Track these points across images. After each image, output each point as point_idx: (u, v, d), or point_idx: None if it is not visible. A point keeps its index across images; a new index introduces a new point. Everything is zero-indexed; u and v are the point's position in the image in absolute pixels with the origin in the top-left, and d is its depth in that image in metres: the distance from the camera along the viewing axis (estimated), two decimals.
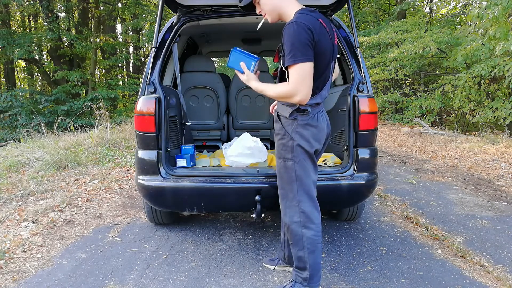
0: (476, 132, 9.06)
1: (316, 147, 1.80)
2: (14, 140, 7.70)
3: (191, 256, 2.41)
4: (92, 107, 8.30)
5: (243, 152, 2.48)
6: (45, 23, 12.62)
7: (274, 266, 2.23)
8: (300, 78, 1.61)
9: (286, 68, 1.67)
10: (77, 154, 5.36)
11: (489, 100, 8.38)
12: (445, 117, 12.81)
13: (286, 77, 1.75)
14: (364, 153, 2.40)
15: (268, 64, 3.63)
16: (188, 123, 2.96)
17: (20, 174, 4.39)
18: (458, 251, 2.49)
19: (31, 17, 15.49)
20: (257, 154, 2.50)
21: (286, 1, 1.74)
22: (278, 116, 1.84)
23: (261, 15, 1.85)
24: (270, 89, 1.75)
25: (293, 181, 1.80)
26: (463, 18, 11.79)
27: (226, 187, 2.30)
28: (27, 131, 7.18)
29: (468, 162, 5.57)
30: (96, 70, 15.26)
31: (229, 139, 3.55)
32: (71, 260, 2.37)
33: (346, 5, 2.56)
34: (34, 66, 14.16)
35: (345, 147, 2.45)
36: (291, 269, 2.15)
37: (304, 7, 1.76)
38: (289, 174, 1.80)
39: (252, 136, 2.77)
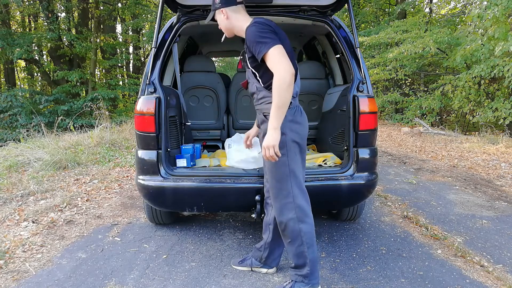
0: (476, 132, 9.05)
1: (305, 137, 1.90)
2: (14, 140, 7.70)
3: (191, 256, 2.41)
4: (92, 107, 8.29)
5: (246, 160, 2.46)
6: (45, 23, 12.62)
7: (250, 268, 2.21)
8: (277, 57, 1.68)
9: (261, 61, 1.73)
10: (77, 154, 5.36)
11: (489, 100, 8.37)
12: (445, 117, 12.81)
13: (258, 77, 1.84)
14: (364, 153, 2.40)
15: None
16: (188, 123, 2.96)
17: (20, 174, 4.39)
18: (458, 251, 2.49)
19: (31, 17, 15.49)
20: (260, 162, 2.48)
21: (237, 21, 1.89)
22: (265, 115, 1.86)
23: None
24: (274, 100, 1.68)
25: (287, 177, 1.82)
26: (463, 18, 11.78)
27: (226, 187, 2.30)
28: (27, 131, 7.18)
29: (468, 162, 5.58)
30: (96, 70, 15.26)
31: None
32: (71, 260, 2.37)
33: (346, 5, 2.56)
34: (34, 66, 14.16)
35: (345, 147, 2.45)
36: (264, 270, 2.17)
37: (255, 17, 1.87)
38: (282, 170, 1.82)
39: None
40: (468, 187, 4.19)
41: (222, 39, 2.10)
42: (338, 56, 3.22)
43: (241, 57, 1.98)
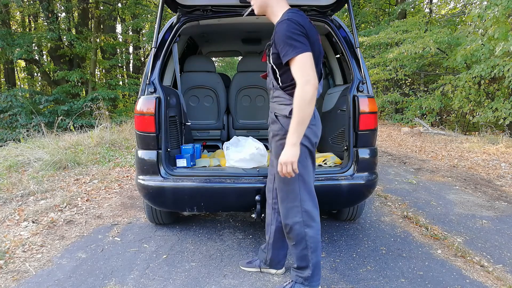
0: (476, 132, 9.05)
1: (316, 141, 1.85)
2: (14, 140, 7.70)
3: (191, 256, 2.41)
4: (92, 107, 8.30)
5: (244, 158, 2.47)
6: (45, 23, 12.62)
7: (259, 269, 2.20)
8: (303, 67, 1.62)
9: (286, 63, 1.67)
10: (77, 154, 5.36)
11: (489, 100, 8.37)
12: (445, 117, 12.81)
13: (277, 75, 1.78)
14: (364, 153, 2.40)
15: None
16: (188, 123, 2.96)
17: (20, 174, 4.39)
18: (458, 251, 2.49)
19: (31, 17, 15.48)
20: (259, 159, 2.49)
21: (273, 2, 1.79)
22: (276, 116, 1.83)
23: (249, 4, 1.89)
24: (295, 115, 1.63)
25: (295, 181, 1.79)
26: (463, 18, 11.78)
27: (226, 187, 2.30)
28: (27, 131, 7.18)
29: (468, 162, 5.57)
30: (96, 70, 15.26)
31: (229, 139, 3.56)
32: (71, 260, 2.37)
33: (346, 5, 2.56)
34: (34, 66, 14.16)
35: (345, 147, 2.45)
36: (273, 271, 2.16)
37: (291, 7, 1.80)
38: None
39: (251, 136, 2.77)
40: (468, 187, 4.19)
41: (245, 14, 2.00)
42: (338, 56, 3.22)
43: (266, 49, 1.87)
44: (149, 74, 2.38)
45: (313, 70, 1.63)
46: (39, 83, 17.71)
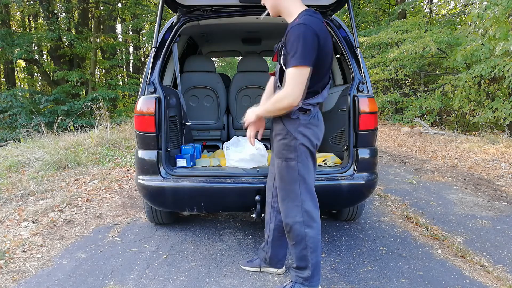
0: (476, 132, 9.05)
1: (318, 142, 1.84)
2: (14, 140, 7.70)
3: (191, 256, 2.41)
4: (92, 107, 8.29)
5: (244, 158, 2.47)
6: (45, 23, 12.63)
7: (259, 268, 2.20)
8: (297, 81, 1.64)
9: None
10: (77, 154, 5.36)
11: (489, 100, 8.37)
12: (445, 117, 12.80)
13: (284, 75, 1.76)
14: (364, 153, 2.40)
15: (268, 64, 3.64)
16: (188, 123, 2.96)
17: (20, 174, 4.38)
18: (458, 251, 2.49)
19: (31, 17, 15.49)
20: (259, 159, 2.49)
21: (286, 2, 1.75)
22: (279, 116, 1.83)
23: (265, 6, 1.86)
24: (269, 106, 1.78)
25: (296, 181, 1.80)
26: (463, 18, 11.78)
27: (226, 187, 2.30)
28: (27, 131, 7.18)
29: (468, 162, 5.57)
30: (96, 70, 15.26)
31: (229, 139, 3.56)
32: (71, 260, 2.37)
33: (346, 5, 2.56)
34: (34, 66, 14.16)
35: (345, 147, 2.45)
36: (273, 270, 2.16)
37: (308, 8, 1.77)
38: (291, 174, 1.79)
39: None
40: (468, 187, 4.19)
41: (262, 16, 2.00)
42: (338, 56, 3.22)
43: (278, 49, 1.83)
44: (149, 74, 2.38)
45: (302, 87, 1.65)
46: (39, 83, 17.69)
